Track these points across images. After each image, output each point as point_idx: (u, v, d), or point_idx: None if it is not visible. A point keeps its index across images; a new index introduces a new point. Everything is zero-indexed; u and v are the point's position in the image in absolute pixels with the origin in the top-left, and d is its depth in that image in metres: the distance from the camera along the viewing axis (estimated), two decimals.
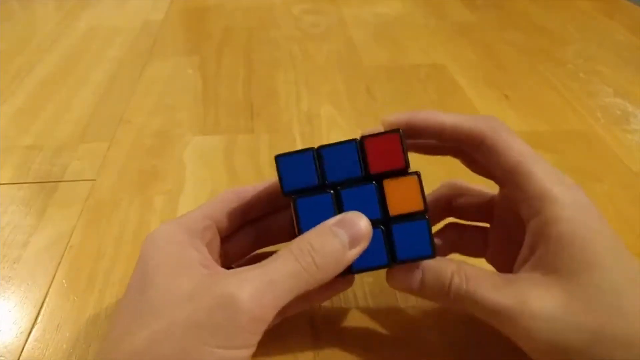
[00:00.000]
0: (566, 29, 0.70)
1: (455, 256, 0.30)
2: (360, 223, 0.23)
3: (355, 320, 0.30)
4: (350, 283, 0.27)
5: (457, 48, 0.64)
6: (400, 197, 0.25)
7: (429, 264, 0.25)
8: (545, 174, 0.23)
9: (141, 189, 0.40)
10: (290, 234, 0.28)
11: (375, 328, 0.29)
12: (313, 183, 0.25)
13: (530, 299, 0.22)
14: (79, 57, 0.61)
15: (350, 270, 0.24)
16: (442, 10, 0.76)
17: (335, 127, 0.48)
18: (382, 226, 0.25)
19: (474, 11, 0.75)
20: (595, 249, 0.22)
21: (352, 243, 0.23)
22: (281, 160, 0.25)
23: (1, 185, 0.40)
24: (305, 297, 0.27)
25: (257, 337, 0.22)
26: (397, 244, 0.24)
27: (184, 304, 0.21)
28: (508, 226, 0.27)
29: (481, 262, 0.29)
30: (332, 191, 0.25)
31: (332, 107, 0.51)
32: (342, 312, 0.30)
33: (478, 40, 0.66)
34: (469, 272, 0.24)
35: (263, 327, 0.22)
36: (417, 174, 0.25)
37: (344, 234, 0.23)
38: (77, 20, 0.72)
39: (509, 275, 0.23)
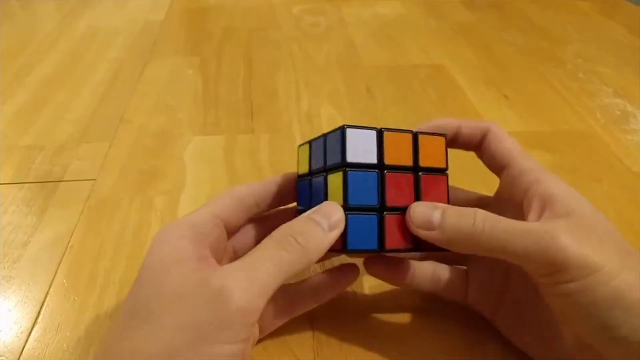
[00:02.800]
0: (566, 29, 0.70)
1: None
2: (335, 213, 0.24)
3: (355, 320, 0.30)
4: (355, 276, 0.28)
5: (457, 48, 0.64)
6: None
7: (448, 206, 0.25)
8: (532, 158, 0.27)
9: (141, 189, 0.40)
10: None
11: (375, 328, 0.29)
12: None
13: (559, 226, 0.22)
14: (80, 57, 0.62)
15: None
16: (442, 11, 0.76)
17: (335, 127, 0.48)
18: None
19: (473, 11, 0.76)
20: (587, 207, 0.24)
21: (330, 226, 0.24)
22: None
23: (2, 185, 0.40)
24: (313, 295, 0.27)
25: (248, 330, 0.22)
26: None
27: (171, 302, 0.21)
28: (488, 263, 0.27)
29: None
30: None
31: (332, 107, 0.51)
32: (342, 312, 0.30)
33: (478, 40, 0.66)
34: (488, 212, 0.24)
35: (254, 319, 0.22)
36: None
37: (321, 218, 0.24)
38: (77, 21, 0.72)
39: (524, 221, 0.24)
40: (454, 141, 0.29)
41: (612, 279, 0.21)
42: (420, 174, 0.26)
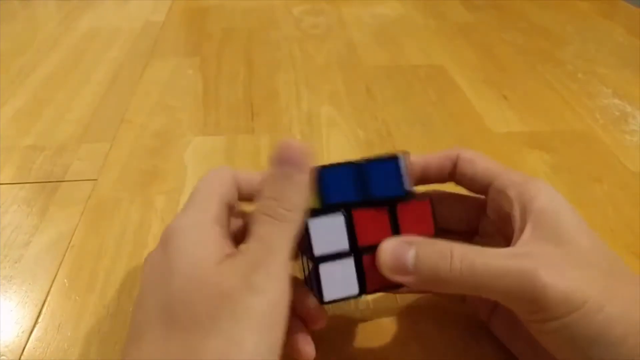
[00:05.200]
0: (565, 29, 0.70)
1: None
2: (288, 148, 0.23)
3: (355, 320, 0.30)
4: (323, 321, 0.27)
5: (457, 48, 0.64)
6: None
7: (423, 241, 0.23)
8: (512, 171, 0.26)
9: (142, 189, 0.40)
10: None
11: (375, 328, 0.29)
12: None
13: (539, 259, 0.21)
14: (80, 57, 0.62)
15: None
16: (442, 11, 0.76)
17: (335, 127, 0.48)
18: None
19: (473, 12, 0.76)
20: (571, 221, 0.23)
21: (299, 169, 0.23)
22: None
23: (3, 185, 0.40)
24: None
25: (286, 310, 0.21)
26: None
27: (220, 303, 0.20)
28: None
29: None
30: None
31: (332, 107, 0.51)
32: (342, 312, 0.30)
33: (477, 40, 0.66)
34: (466, 246, 0.22)
35: (289, 298, 0.21)
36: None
37: (287, 167, 0.23)
38: (78, 21, 0.72)
39: (505, 248, 0.23)
40: (426, 178, 0.28)
41: (594, 315, 0.20)
42: (397, 205, 0.24)
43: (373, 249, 0.24)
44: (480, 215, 0.29)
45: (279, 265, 0.22)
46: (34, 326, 0.29)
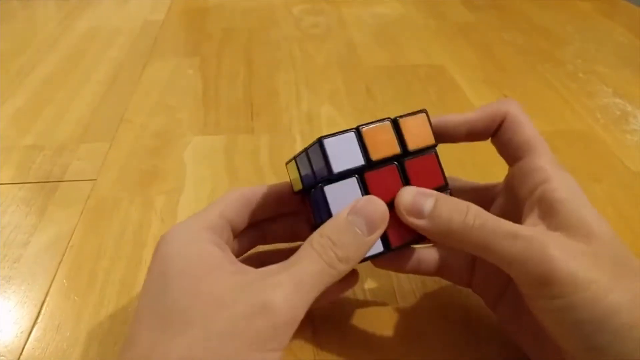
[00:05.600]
0: (565, 29, 0.70)
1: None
2: (373, 208, 0.23)
3: (355, 320, 0.30)
4: (355, 280, 0.27)
5: (457, 48, 0.64)
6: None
7: (443, 195, 0.24)
8: (544, 152, 0.26)
9: (142, 189, 0.40)
10: (290, 236, 0.29)
11: (375, 328, 0.29)
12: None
13: (551, 237, 0.22)
14: (80, 57, 0.62)
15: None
16: (442, 11, 0.76)
17: (335, 127, 0.48)
18: None
19: (473, 11, 0.76)
20: (589, 215, 0.23)
21: (370, 229, 0.23)
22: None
23: (2, 185, 0.40)
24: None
25: (289, 339, 0.22)
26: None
27: (217, 311, 0.21)
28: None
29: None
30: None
31: (332, 107, 0.51)
32: (342, 312, 0.30)
33: (477, 40, 0.66)
34: (482, 209, 0.23)
35: (295, 327, 0.22)
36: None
37: (360, 221, 0.23)
38: (77, 21, 0.72)
39: (518, 224, 0.23)
40: (472, 135, 0.27)
41: (600, 300, 0.20)
42: (404, 160, 0.25)
43: (390, 205, 0.24)
44: (490, 204, 0.29)
45: (299, 293, 0.21)
46: (33, 326, 0.29)
